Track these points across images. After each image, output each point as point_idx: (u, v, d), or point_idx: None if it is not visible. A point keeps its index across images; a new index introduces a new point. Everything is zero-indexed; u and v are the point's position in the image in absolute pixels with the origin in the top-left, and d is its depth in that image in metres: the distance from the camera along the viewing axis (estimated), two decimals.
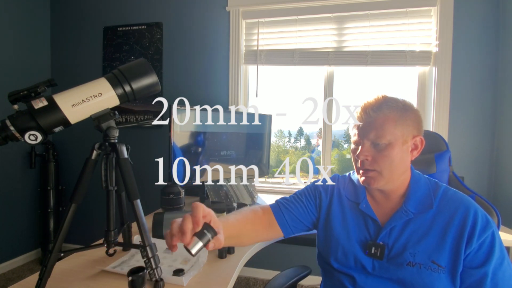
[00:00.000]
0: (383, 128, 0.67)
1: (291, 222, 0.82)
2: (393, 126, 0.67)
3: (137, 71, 0.75)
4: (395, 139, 0.68)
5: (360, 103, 0.73)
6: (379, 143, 0.68)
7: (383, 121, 0.68)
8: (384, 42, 1.89)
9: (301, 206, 0.83)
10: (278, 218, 0.81)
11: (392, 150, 0.68)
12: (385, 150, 0.68)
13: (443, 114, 1.80)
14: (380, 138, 0.68)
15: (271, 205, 0.86)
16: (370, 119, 0.69)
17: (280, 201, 0.86)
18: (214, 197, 1.52)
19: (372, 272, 0.71)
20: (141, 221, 0.73)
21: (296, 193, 0.88)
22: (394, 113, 0.68)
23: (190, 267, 0.86)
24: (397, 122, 0.68)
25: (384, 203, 0.75)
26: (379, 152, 0.69)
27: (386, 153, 0.68)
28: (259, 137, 1.92)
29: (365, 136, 0.70)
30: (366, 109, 0.70)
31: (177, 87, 2.17)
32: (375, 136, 0.68)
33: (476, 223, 0.64)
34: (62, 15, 2.37)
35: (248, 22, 2.06)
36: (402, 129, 0.68)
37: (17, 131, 0.64)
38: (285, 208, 0.83)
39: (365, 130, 0.70)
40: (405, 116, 0.69)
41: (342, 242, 0.76)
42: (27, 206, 2.28)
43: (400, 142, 0.68)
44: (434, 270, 0.64)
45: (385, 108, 0.68)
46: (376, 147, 0.69)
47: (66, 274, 0.81)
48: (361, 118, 0.71)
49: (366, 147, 0.70)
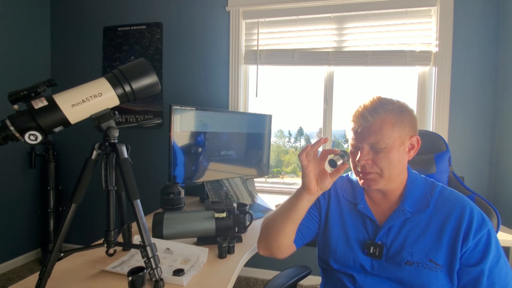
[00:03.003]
0: (382, 132, 0.68)
1: (299, 231, 0.82)
2: (390, 129, 0.68)
3: (137, 71, 0.75)
4: (393, 142, 0.68)
5: (356, 107, 0.74)
6: (377, 148, 0.69)
7: (380, 125, 0.68)
8: (384, 42, 1.89)
9: (306, 213, 0.82)
10: None
11: (391, 152, 0.69)
12: (383, 152, 0.69)
13: (443, 114, 1.80)
14: (379, 143, 0.68)
15: None
16: (367, 123, 0.69)
17: None
18: (214, 197, 1.52)
19: (371, 272, 0.72)
20: (141, 221, 0.73)
21: None
22: (391, 116, 0.69)
23: (190, 267, 0.86)
24: (394, 125, 0.68)
25: (382, 203, 0.76)
26: (378, 155, 0.69)
27: (385, 156, 0.69)
28: (259, 137, 1.92)
29: (363, 141, 0.70)
30: (363, 113, 0.70)
31: (177, 87, 2.17)
32: (374, 141, 0.69)
33: (472, 221, 0.65)
34: (62, 15, 2.37)
35: (248, 22, 2.06)
36: (400, 131, 0.69)
37: (17, 131, 0.64)
38: None
39: (363, 135, 0.70)
40: (402, 117, 0.69)
41: (341, 242, 0.77)
42: (27, 206, 2.28)
43: (398, 144, 0.69)
44: (432, 268, 0.65)
45: (382, 111, 0.69)
46: (375, 150, 0.70)
47: (66, 274, 0.81)
48: (359, 123, 0.71)
49: (365, 151, 0.70)
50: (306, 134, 2.29)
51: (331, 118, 2.07)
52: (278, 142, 2.35)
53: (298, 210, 0.76)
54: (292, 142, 2.33)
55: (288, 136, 2.33)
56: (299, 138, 2.31)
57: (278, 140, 2.35)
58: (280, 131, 2.33)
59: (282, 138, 2.35)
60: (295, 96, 2.19)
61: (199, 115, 1.57)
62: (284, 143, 2.35)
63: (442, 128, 1.80)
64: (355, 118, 0.72)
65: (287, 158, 2.32)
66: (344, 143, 2.20)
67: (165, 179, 1.59)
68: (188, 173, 1.54)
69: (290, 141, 2.33)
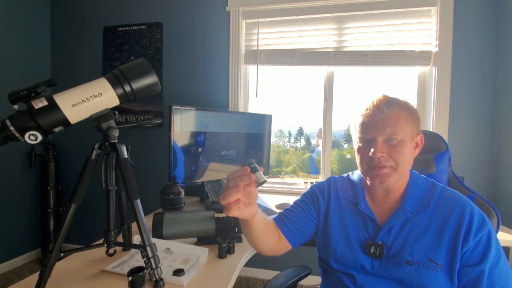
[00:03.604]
0: (398, 124, 0.68)
1: (295, 231, 0.82)
2: (405, 123, 0.69)
3: (137, 71, 0.75)
4: (407, 136, 0.69)
5: (367, 102, 0.73)
6: (394, 139, 0.68)
7: (396, 117, 0.68)
8: (384, 42, 1.89)
9: (302, 213, 0.83)
10: (282, 230, 0.82)
11: (405, 146, 0.69)
12: (398, 146, 0.68)
13: (443, 114, 1.80)
14: (396, 134, 0.68)
15: (274, 218, 0.85)
16: (383, 115, 0.69)
17: (282, 213, 0.86)
18: (214, 197, 1.52)
19: (371, 271, 0.71)
20: (141, 221, 0.73)
21: (296, 201, 0.89)
22: (404, 111, 0.69)
23: (190, 267, 0.86)
24: (407, 120, 0.69)
25: (383, 203, 0.76)
26: (392, 148, 0.69)
27: (400, 149, 0.68)
28: (259, 137, 1.92)
29: (378, 133, 0.69)
30: (379, 105, 0.70)
31: (177, 87, 2.17)
32: (390, 132, 0.68)
33: (472, 221, 0.65)
34: (62, 15, 2.37)
35: (248, 22, 2.06)
36: (412, 126, 0.70)
37: (17, 131, 0.64)
38: (287, 219, 0.83)
39: (378, 127, 0.69)
40: (412, 115, 0.71)
41: (341, 242, 0.77)
42: (27, 206, 2.28)
43: (410, 139, 0.70)
44: (432, 268, 0.65)
45: (396, 105, 0.69)
46: (389, 143, 0.69)
47: (66, 274, 0.81)
48: (374, 115, 0.70)
49: (380, 144, 0.69)
50: (306, 134, 2.29)
51: (331, 118, 2.07)
52: (278, 142, 2.35)
53: (252, 230, 0.71)
54: (292, 142, 2.33)
55: (288, 136, 2.33)
56: (299, 138, 2.31)
57: (278, 140, 2.35)
58: (280, 131, 2.33)
59: (282, 138, 2.35)
60: (295, 96, 2.19)
61: (199, 115, 1.57)
62: (284, 143, 2.35)
63: (442, 128, 1.80)
64: (369, 110, 0.71)
65: (287, 158, 2.32)
66: (344, 143, 2.20)
67: (165, 179, 1.59)
68: (188, 173, 1.54)
69: (290, 141, 2.33)
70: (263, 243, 0.77)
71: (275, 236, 0.80)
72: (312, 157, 2.27)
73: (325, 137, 2.08)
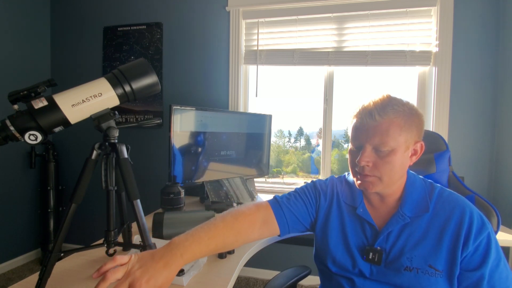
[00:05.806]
0: (388, 134, 0.64)
1: (290, 221, 0.77)
2: (398, 132, 0.64)
3: (137, 71, 0.75)
4: (398, 146, 0.65)
5: (364, 102, 0.69)
6: (382, 150, 0.65)
7: (388, 126, 0.64)
8: (384, 42, 1.89)
9: (302, 205, 0.79)
10: (277, 216, 0.76)
11: (394, 156, 0.65)
12: (387, 156, 0.65)
13: (443, 114, 1.80)
14: (384, 145, 0.64)
15: (269, 201, 0.79)
16: (375, 123, 0.65)
17: (279, 198, 0.80)
18: (214, 197, 1.52)
19: (370, 277, 0.70)
20: (141, 221, 0.73)
21: (296, 190, 0.83)
22: (400, 118, 0.64)
23: (190, 267, 0.86)
24: (402, 128, 0.64)
25: (381, 207, 0.74)
26: (380, 159, 0.65)
27: (388, 160, 0.65)
28: (259, 137, 1.92)
29: (367, 141, 0.66)
30: (371, 111, 0.65)
31: (177, 87, 2.17)
32: (379, 142, 0.64)
33: (471, 225, 0.63)
34: (62, 15, 2.37)
35: (248, 22, 2.06)
36: (406, 135, 0.65)
37: (17, 131, 0.64)
38: (285, 206, 0.78)
39: (368, 134, 0.65)
40: (410, 121, 0.65)
41: (340, 247, 0.75)
42: (27, 206, 2.28)
43: (403, 149, 0.66)
44: (432, 274, 0.64)
45: (391, 112, 0.64)
46: (378, 152, 0.66)
47: (66, 274, 0.81)
48: (364, 121, 0.66)
49: (367, 152, 0.66)
50: (306, 134, 2.29)
51: (331, 118, 2.07)
52: (278, 142, 2.35)
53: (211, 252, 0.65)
54: (292, 142, 2.33)
55: (288, 136, 2.33)
56: (299, 138, 2.31)
57: (278, 140, 2.35)
58: (280, 131, 2.33)
59: (282, 138, 2.35)
60: (295, 96, 2.19)
61: (199, 115, 1.57)
62: (284, 143, 2.35)
63: (442, 128, 1.80)
64: (360, 114, 0.67)
65: (287, 158, 2.33)
66: (344, 143, 2.20)
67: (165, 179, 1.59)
68: (188, 173, 1.54)
69: (290, 141, 2.33)
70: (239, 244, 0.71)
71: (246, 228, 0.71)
72: (312, 157, 2.27)
73: (325, 137, 2.08)
